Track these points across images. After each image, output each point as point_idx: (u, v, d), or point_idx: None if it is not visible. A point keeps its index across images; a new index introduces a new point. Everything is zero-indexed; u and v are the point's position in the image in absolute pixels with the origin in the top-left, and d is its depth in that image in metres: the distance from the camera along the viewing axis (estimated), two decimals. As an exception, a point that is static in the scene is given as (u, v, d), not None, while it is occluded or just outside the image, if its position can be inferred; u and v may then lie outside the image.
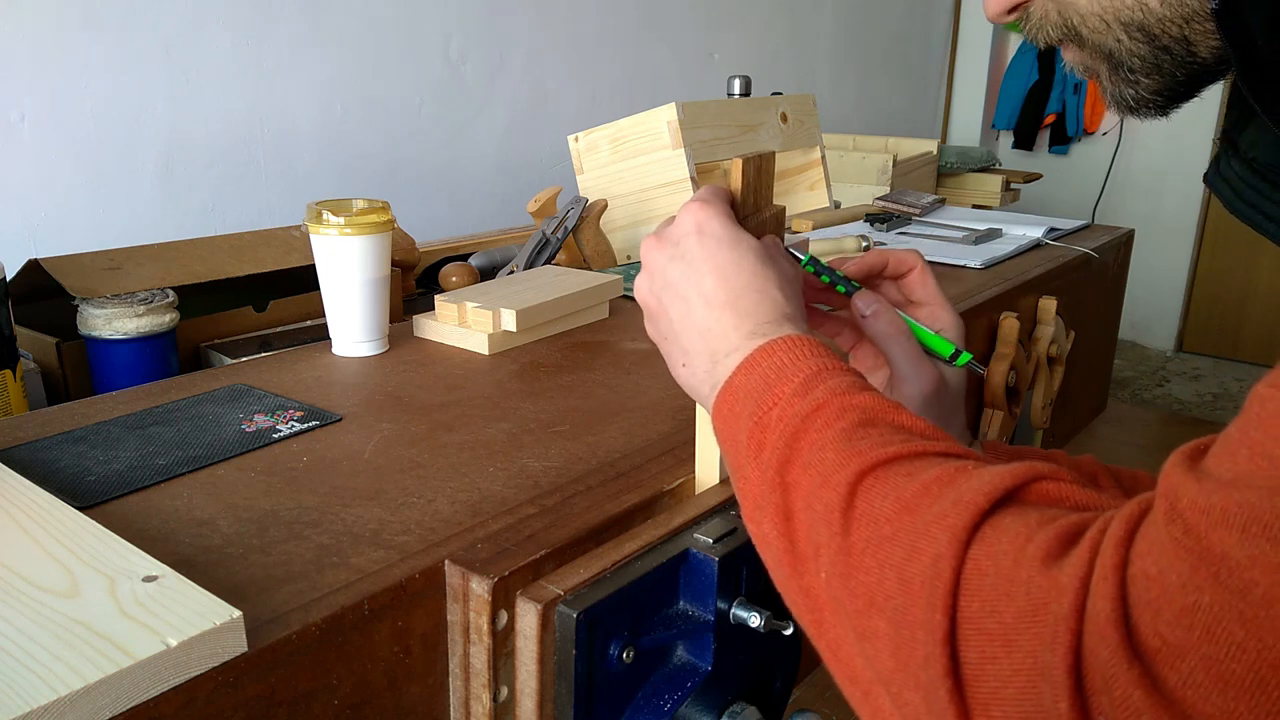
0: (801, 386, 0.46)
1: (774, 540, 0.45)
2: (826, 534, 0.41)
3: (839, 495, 0.41)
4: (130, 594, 0.47)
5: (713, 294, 0.52)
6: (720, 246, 0.53)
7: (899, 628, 0.37)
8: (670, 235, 0.55)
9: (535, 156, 1.90)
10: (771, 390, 0.47)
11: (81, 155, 1.29)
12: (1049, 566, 0.34)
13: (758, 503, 0.46)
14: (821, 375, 0.47)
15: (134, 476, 0.65)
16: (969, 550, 0.36)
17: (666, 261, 0.54)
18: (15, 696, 0.39)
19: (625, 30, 2.05)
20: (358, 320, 0.90)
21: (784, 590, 0.46)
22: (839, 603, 0.40)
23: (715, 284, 0.52)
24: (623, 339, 0.98)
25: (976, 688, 0.34)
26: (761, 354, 0.49)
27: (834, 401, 0.45)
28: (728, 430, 0.49)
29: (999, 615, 0.34)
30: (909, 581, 0.37)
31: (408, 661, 0.54)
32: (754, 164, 0.59)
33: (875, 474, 0.41)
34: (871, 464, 0.41)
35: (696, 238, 0.53)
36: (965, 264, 1.36)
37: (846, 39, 2.84)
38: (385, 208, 0.90)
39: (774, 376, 0.48)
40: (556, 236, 1.22)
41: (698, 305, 0.52)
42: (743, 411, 0.48)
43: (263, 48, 1.45)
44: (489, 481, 0.66)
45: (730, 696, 0.62)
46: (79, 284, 0.91)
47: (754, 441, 0.47)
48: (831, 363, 0.48)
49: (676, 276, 0.53)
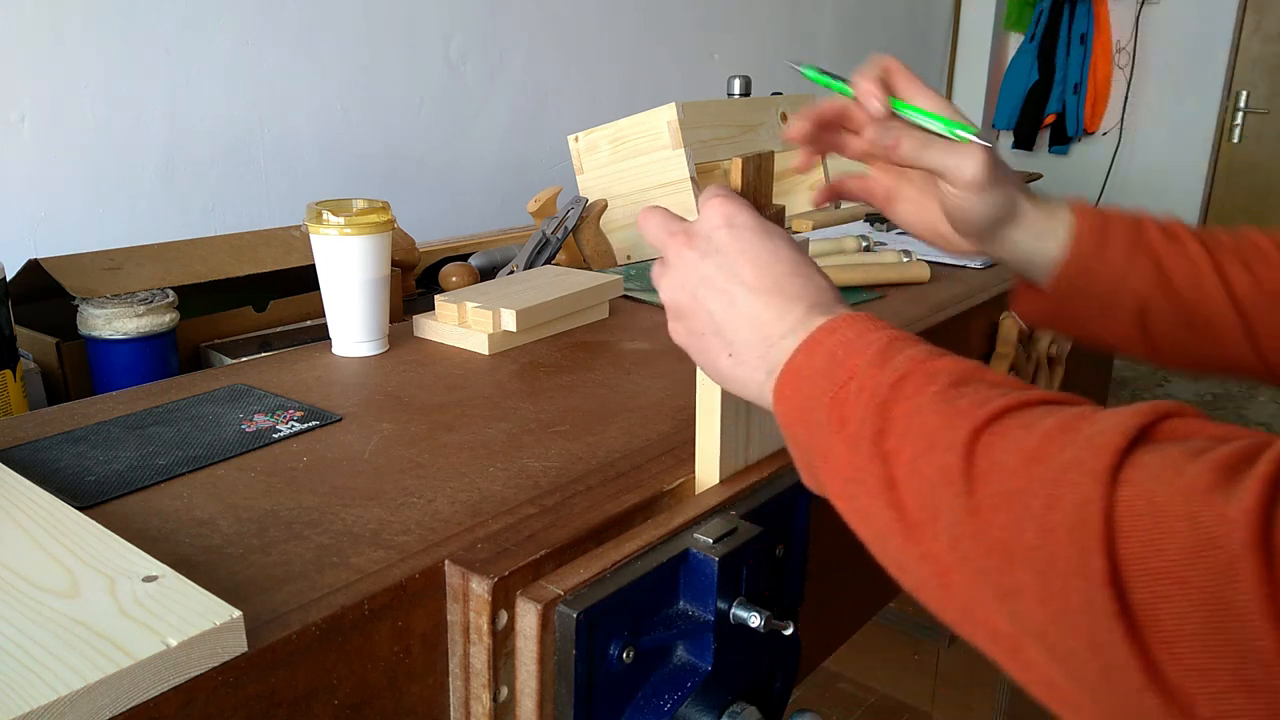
0: (877, 357, 0.46)
1: (877, 512, 0.44)
2: (947, 496, 0.41)
3: (956, 456, 0.41)
4: (130, 594, 0.47)
5: (755, 282, 0.52)
6: (755, 236, 0.53)
7: (1047, 578, 0.37)
8: (698, 231, 0.55)
9: (535, 156, 1.90)
10: (843, 365, 0.47)
11: (81, 155, 1.29)
12: (1212, 500, 0.34)
13: (851, 477, 0.45)
14: (895, 345, 0.47)
15: (134, 476, 0.65)
16: (1117, 491, 0.36)
17: (699, 257, 0.54)
18: (15, 696, 0.39)
19: (625, 30, 2.05)
20: (358, 320, 0.90)
21: (895, 561, 0.45)
22: (969, 563, 0.40)
23: (755, 272, 0.52)
24: (623, 339, 0.98)
25: (1154, 628, 0.34)
26: (824, 332, 0.49)
27: (918, 369, 0.45)
28: (796, 410, 0.49)
29: (1164, 554, 0.34)
30: (1051, 530, 0.37)
31: (408, 661, 0.54)
32: (754, 163, 0.59)
33: (990, 430, 0.41)
34: (983, 420, 0.41)
35: (728, 230, 0.53)
36: (965, 264, 1.36)
37: (846, 39, 2.84)
38: (385, 208, 0.90)
39: (843, 351, 0.47)
40: (556, 236, 1.22)
41: (741, 295, 0.52)
42: (814, 389, 0.48)
43: (263, 48, 1.45)
44: (489, 481, 0.66)
45: (730, 696, 0.62)
46: (79, 284, 0.91)
47: (835, 417, 0.46)
48: (899, 333, 0.48)
49: (712, 270, 0.53)
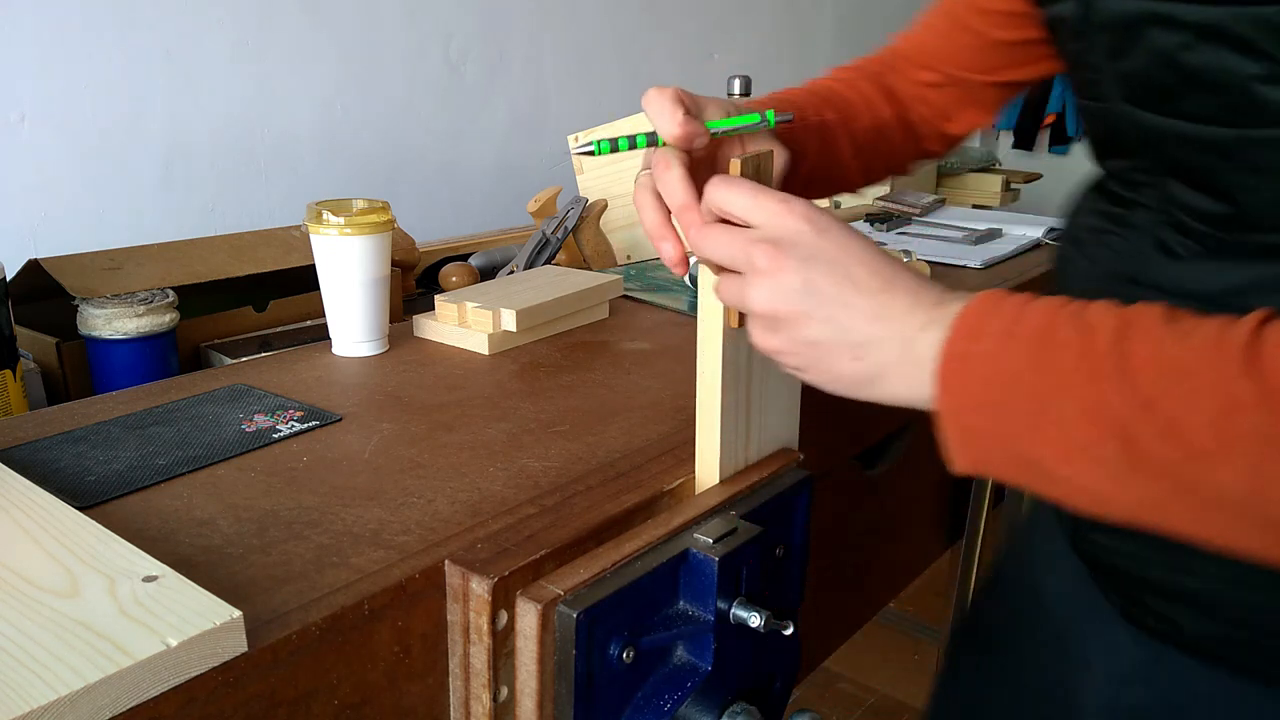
0: (1070, 322, 0.45)
1: (1156, 454, 0.42)
2: (1244, 417, 0.40)
3: (1235, 374, 0.40)
4: (130, 594, 0.47)
5: (868, 282, 0.50)
6: (846, 235, 0.52)
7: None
8: (784, 236, 0.52)
9: (535, 156, 1.90)
10: (1026, 340, 0.46)
11: (81, 155, 1.29)
12: None
13: (1101, 435, 0.43)
14: (1066, 305, 0.46)
15: (134, 476, 0.65)
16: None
17: (799, 263, 0.51)
18: (15, 696, 0.39)
19: (625, 30, 2.05)
20: (358, 320, 0.90)
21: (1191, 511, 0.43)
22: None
23: (867, 272, 0.51)
24: (623, 339, 0.98)
25: None
26: (974, 315, 0.48)
27: (1109, 318, 0.44)
28: (975, 396, 0.47)
29: None
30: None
31: (408, 661, 0.54)
32: (753, 163, 0.59)
33: (1258, 347, 0.40)
34: (1245, 340, 0.41)
35: (816, 234, 0.51)
36: (965, 264, 1.36)
37: (846, 39, 2.83)
38: (385, 208, 0.90)
39: (1014, 326, 0.47)
40: (556, 236, 1.22)
41: (858, 297, 0.50)
42: (1004, 370, 0.46)
43: (263, 48, 1.45)
44: (489, 481, 0.66)
45: (730, 696, 0.62)
46: (79, 284, 0.91)
47: (1050, 384, 0.45)
48: (1053, 297, 0.47)
49: (819, 276, 0.51)
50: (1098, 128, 0.61)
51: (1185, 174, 0.54)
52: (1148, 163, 0.57)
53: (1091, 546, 0.65)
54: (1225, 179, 0.51)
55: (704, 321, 0.61)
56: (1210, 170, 0.52)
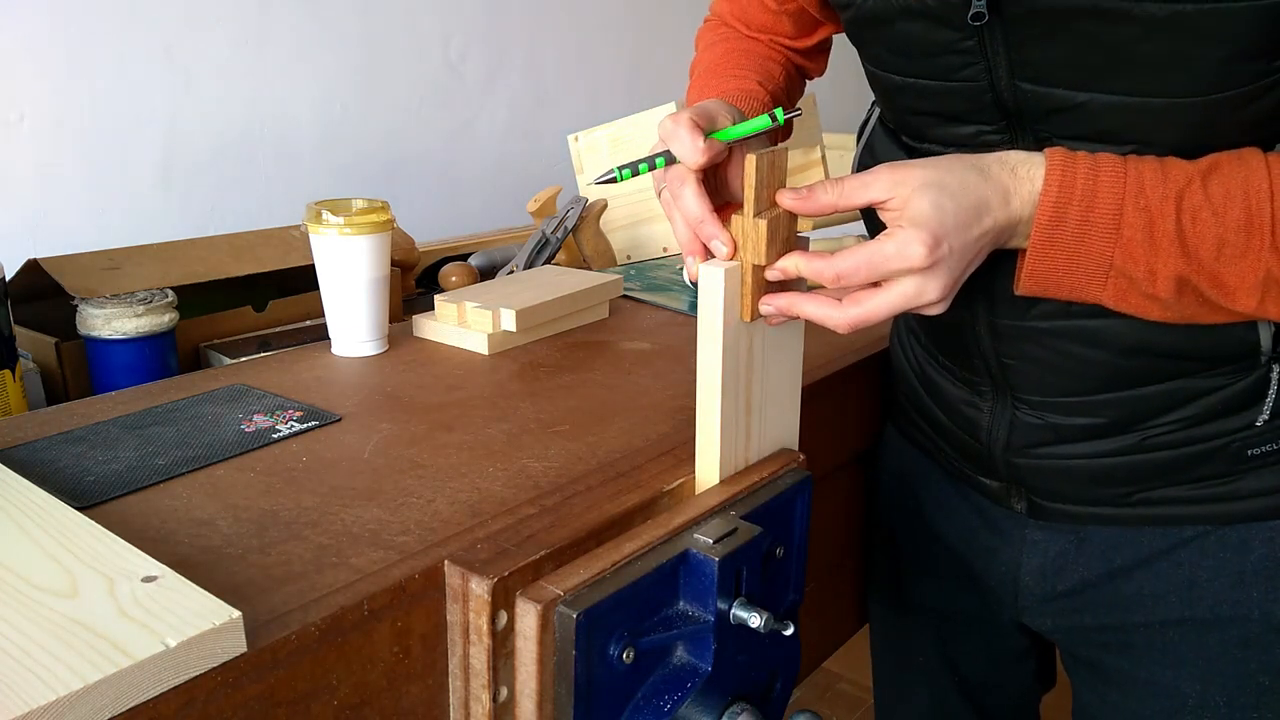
0: (1133, 204, 0.58)
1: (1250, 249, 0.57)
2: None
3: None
4: (129, 594, 0.47)
5: (972, 213, 0.60)
6: (924, 171, 0.59)
7: None
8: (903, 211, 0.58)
9: (535, 156, 1.90)
10: (1102, 228, 0.59)
11: (81, 155, 1.29)
12: None
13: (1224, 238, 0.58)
14: (1125, 183, 0.58)
15: (133, 477, 0.65)
16: None
17: (913, 212, 0.58)
18: (15, 696, 0.39)
19: (625, 30, 2.05)
20: (357, 320, 0.90)
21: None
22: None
23: (957, 183, 0.59)
24: (623, 339, 0.98)
25: None
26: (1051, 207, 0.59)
27: (1167, 205, 0.58)
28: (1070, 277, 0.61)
29: None
30: None
31: (407, 662, 0.54)
32: (767, 159, 0.59)
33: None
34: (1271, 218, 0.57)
35: (922, 193, 0.58)
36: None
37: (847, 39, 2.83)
38: (385, 207, 0.90)
39: (1088, 212, 0.58)
40: (556, 236, 1.22)
41: (978, 223, 0.59)
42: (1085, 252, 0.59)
43: (263, 48, 1.45)
44: (489, 481, 0.66)
45: (730, 697, 0.62)
46: (78, 284, 0.91)
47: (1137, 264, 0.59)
48: (1113, 173, 0.58)
49: (930, 204, 0.58)
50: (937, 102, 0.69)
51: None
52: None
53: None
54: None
55: (704, 321, 0.61)
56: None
